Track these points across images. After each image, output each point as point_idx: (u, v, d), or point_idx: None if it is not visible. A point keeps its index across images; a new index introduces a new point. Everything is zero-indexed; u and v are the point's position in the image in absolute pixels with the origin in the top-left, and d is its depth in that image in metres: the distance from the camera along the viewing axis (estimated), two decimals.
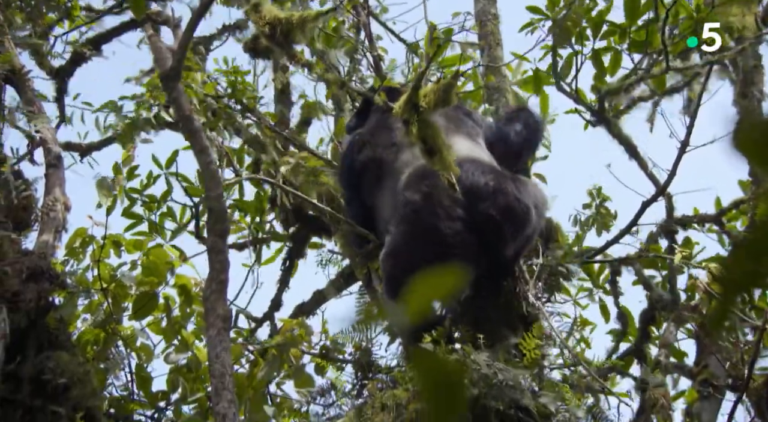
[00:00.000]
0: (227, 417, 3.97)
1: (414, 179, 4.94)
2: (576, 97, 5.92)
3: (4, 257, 4.10)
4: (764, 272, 1.45)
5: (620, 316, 6.43)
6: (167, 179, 6.45)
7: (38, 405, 3.80)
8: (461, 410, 1.77)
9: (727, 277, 1.54)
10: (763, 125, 1.37)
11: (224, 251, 4.44)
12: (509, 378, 4.15)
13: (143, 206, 6.53)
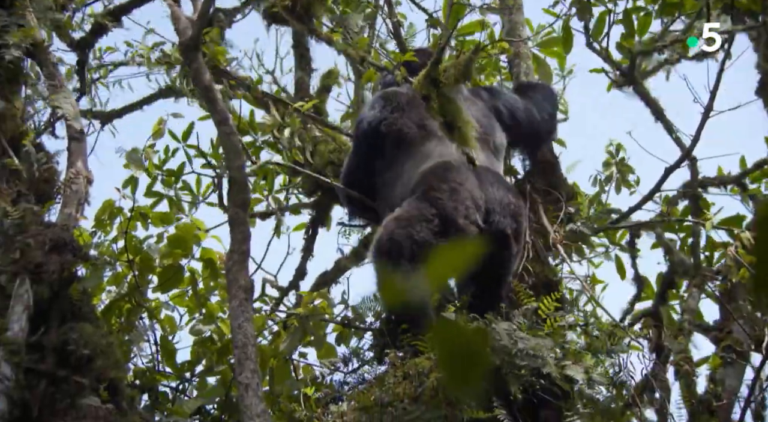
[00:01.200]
0: (250, 387, 3.99)
1: (442, 170, 4.94)
2: (605, 56, 5.85)
3: (26, 229, 4.13)
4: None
5: (637, 278, 6.39)
6: (186, 152, 6.47)
7: (62, 375, 3.83)
8: (481, 378, 1.76)
9: None
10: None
11: (246, 222, 4.45)
12: (530, 347, 4.14)
13: (162, 183, 6.56)
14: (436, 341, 1.79)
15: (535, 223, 5.31)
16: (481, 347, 1.80)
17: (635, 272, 6.49)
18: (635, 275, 6.48)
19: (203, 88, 4.45)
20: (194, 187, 6.47)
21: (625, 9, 5.90)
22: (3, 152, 4.54)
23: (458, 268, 1.81)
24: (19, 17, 4.87)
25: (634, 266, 6.47)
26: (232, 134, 4.46)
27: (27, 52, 4.87)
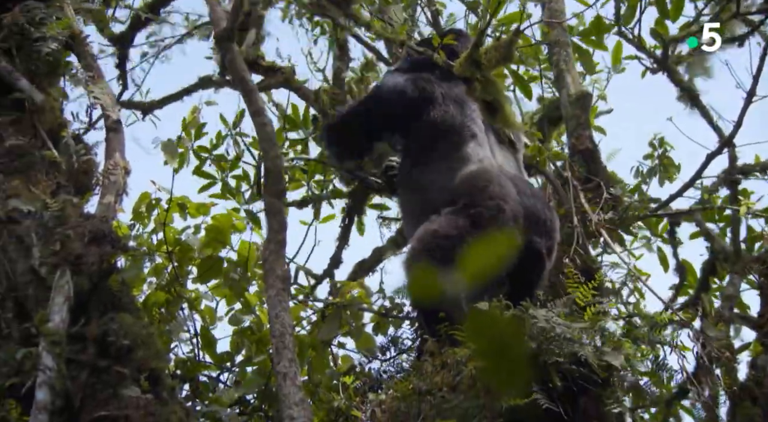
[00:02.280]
0: (288, 376, 4.00)
1: (483, 181, 4.86)
2: (638, 43, 5.79)
3: (66, 221, 4.15)
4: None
5: (679, 267, 6.34)
6: (235, 140, 6.52)
7: (103, 365, 3.84)
8: (519, 367, 1.75)
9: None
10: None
11: (281, 211, 4.47)
12: (568, 332, 4.11)
13: (215, 166, 6.62)
14: (472, 332, 1.78)
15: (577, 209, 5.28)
16: (517, 336, 1.78)
17: (677, 261, 6.44)
18: (677, 265, 6.43)
19: (239, 80, 4.46)
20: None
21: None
22: (42, 145, 4.57)
23: (492, 265, 1.80)
24: (56, 9, 4.91)
25: (675, 255, 6.42)
26: (267, 124, 4.47)
27: (65, 45, 4.90)
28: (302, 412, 3.87)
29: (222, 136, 6.72)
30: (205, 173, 6.67)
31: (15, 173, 4.38)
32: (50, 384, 3.60)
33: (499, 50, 4.84)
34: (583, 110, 5.78)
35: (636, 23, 5.85)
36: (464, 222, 4.68)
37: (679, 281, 6.45)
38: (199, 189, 6.36)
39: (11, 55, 4.74)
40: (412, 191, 5.04)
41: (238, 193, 6.70)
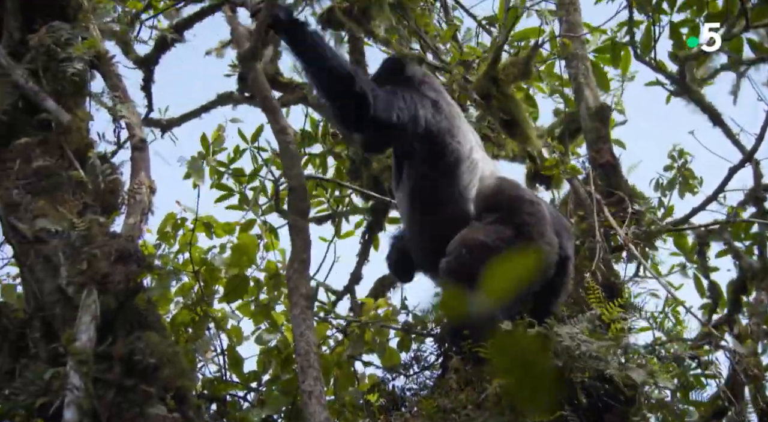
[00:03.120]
0: (313, 395, 3.99)
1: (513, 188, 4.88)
2: (655, 66, 5.79)
3: (93, 240, 4.19)
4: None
5: (711, 288, 6.29)
6: (253, 154, 6.55)
7: (130, 384, 3.87)
8: (544, 386, 1.74)
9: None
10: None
11: (305, 229, 4.46)
12: (593, 350, 4.09)
13: (233, 179, 6.65)
14: (496, 351, 1.78)
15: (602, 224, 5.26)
16: (541, 355, 1.78)
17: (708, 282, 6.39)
18: (709, 286, 6.38)
19: (262, 99, 4.47)
20: None
21: (671, 22, 5.83)
22: (69, 165, 4.61)
23: (520, 281, 1.80)
24: (82, 30, 4.96)
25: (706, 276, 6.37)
26: (291, 142, 4.47)
27: (91, 65, 4.95)
28: None
29: (240, 150, 6.77)
30: (224, 185, 6.71)
31: (42, 194, 4.42)
32: (78, 403, 3.62)
33: (517, 66, 4.85)
34: (602, 122, 5.77)
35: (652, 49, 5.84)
36: (510, 232, 4.65)
37: (713, 302, 6.40)
38: (216, 200, 6.41)
39: (38, 76, 4.79)
40: (426, 201, 4.92)
41: (255, 205, 6.73)
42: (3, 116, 4.67)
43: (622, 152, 6.06)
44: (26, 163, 4.54)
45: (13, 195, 4.44)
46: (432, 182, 4.87)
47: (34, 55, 4.84)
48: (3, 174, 4.55)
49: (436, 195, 4.88)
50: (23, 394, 3.78)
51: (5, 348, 4.34)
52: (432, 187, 4.87)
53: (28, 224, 4.29)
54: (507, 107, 4.55)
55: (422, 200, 4.91)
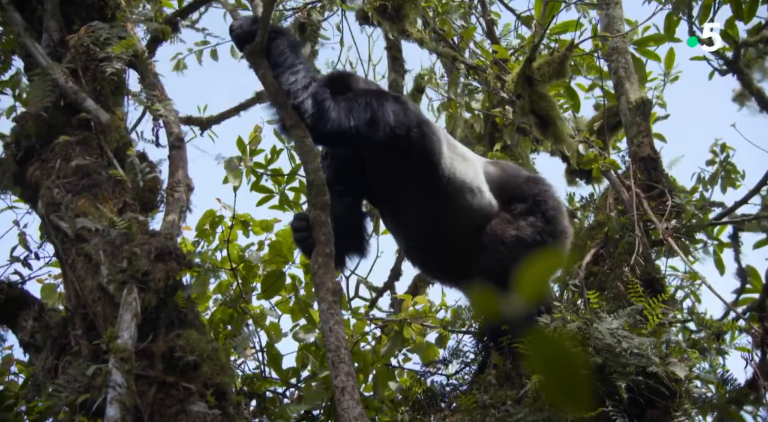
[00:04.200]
0: (346, 390, 3.96)
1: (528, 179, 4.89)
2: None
3: (133, 239, 4.22)
4: None
5: (740, 272, 6.22)
6: (290, 153, 6.55)
7: (171, 381, 3.89)
8: (583, 385, 1.73)
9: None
10: None
11: (327, 223, 4.40)
12: (634, 346, 4.06)
13: (272, 180, 6.66)
14: (534, 349, 1.77)
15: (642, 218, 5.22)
16: (579, 352, 1.77)
17: (738, 266, 6.33)
18: (738, 270, 6.32)
19: (272, 94, 4.40)
20: None
21: None
22: (108, 163, 4.65)
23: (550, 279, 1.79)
24: (120, 30, 5.00)
25: (737, 259, 6.31)
26: (306, 136, 4.40)
27: (129, 64, 4.98)
28: None
29: (277, 151, 6.78)
30: (263, 187, 6.72)
31: (82, 192, 4.46)
32: (120, 400, 3.64)
33: (552, 66, 4.81)
34: (643, 117, 5.72)
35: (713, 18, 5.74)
36: (541, 223, 4.67)
37: (741, 285, 6.34)
38: (257, 202, 6.41)
39: (77, 75, 4.84)
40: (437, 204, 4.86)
41: (296, 205, 6.74)
42: (44, 115, 4.72)
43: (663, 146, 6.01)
44: (66, 162, 4.59)
45: (54, 194, 4.49)
46: (438, 185, 4.79)
47: (74, 55, 4.89)
48: (44, 173, 4.60)
49: (447, 196, 4.82)
50: (66, 391, 3.81)
51: (48, 346, 4.39)
52: (440, 190, 4.80)
53: (69, 223, 4.33)
54: (541, 107, 4.50)
55: (432, 204, 4.82)
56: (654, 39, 6.13)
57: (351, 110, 4.49)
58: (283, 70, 4.33)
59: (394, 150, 4.64)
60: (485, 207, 4.83)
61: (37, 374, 4.38)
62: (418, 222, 4.84)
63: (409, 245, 5.00)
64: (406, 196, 4.78)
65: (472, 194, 4.82)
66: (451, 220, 4.79)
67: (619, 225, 5.13)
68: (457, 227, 4.78)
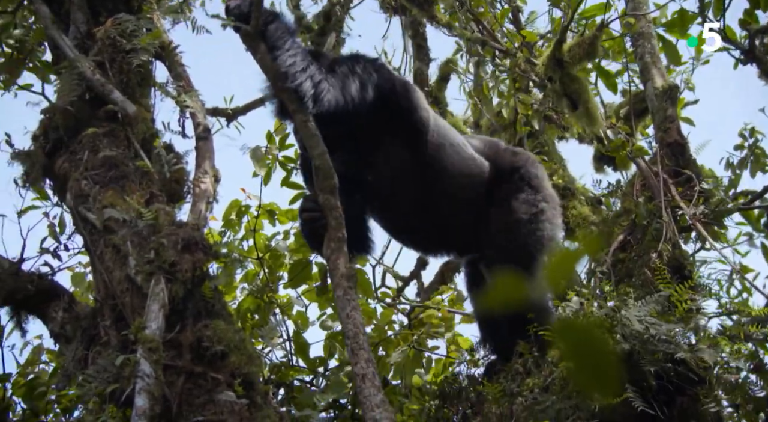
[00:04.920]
0: (366, 377, 3.94)
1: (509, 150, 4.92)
2: (724, 34, 5.66)
3: (160, 230, 4.23)
4: None
5: None
6: None
7: (199, 371, 3.90)
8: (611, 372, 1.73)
9: None
10: None
11: (337, 207, 4.37)
12: (662, 332, 4.03)
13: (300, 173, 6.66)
14: (560, 340, 1.76)
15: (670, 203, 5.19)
16: (606, 339, 1.77)
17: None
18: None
19: (271, 78, 4.36)
20: None
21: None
22: (135, 155, 4.67)
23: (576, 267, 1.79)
24: (146, 21, 5.01)
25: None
26: (308, 120, 4.37)
27: (155, 55, 5.00)
28: (384, 414, 3.82)
29: None
30: (294, 183, 6.72)
31: (110, 184, 4.49)
32: (149, 390, 3.66)
33: (582, 47, 4.78)
34: (670, 102, 5.68)
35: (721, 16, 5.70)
36: (532, 193, 4.81)
37: None
38: (289, 200, 6.41)
39: (104, 67, 4.86)
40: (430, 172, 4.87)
41: None
42: (71, 108, 4.75)
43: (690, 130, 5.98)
44: (94, 153, 4.62)
45: (82, 186, 4.52)
46: (432, 152, 4.83)
47: (101, 47, 4.92)
48: (72, 165, 4.63)
49: (442, 164, 4.84)
50: (96, 381, 3.84)
51: (78, 336, 4.43)
52: (434, 156, 4.83)
53: (97, 214, 4.36)
54: (573, 90, 4.48)
55: (426, 171, 4.84)
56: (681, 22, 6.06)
57: (344, 85, 4.51)
58: (281, 52, 4.32)
59: (384, 113, 4.69)
60: (478, 167, 4.90)
61: (67, 364, 4.42)
62: (412, 193, 4.85)
63: (403, 221, 4.98)
64: (399, 166, 4.78)
65: (462, 152, 4.88)
66: (443, 184, 4.83)
67: (647, 211, 5.11)
68: (451, 187, 4.83)
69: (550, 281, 1.86)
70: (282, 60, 4.32)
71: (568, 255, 1.81)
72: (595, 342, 1.72)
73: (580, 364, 1.73)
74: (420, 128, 4.78)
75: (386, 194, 4.83)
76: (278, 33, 4.37)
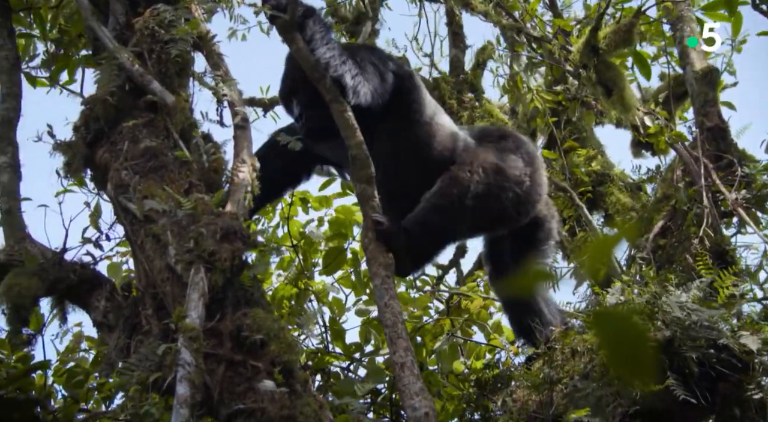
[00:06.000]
0: (405, 366, 3.97)
1: None
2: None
3: (199, 219, 4.25)
4: None
5: None
6: None
7: (239, 360, 3.92)
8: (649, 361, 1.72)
9: None
10: None
11: (374, 196, 4.43)
12: (704, 319, 4.01)
13: None
14: (596, 329, 1.76)
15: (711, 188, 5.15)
16: (644, 329, 1.76)
17: None
18: None
19: (308, 69, 4.44)
20: None
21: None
22: (174, 145, 4.69)
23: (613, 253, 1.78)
24: (184, 11, 5.02)
25: None
26: (345, 111, 4.44)
27: (193, 45, 5.01)
28: (424, 402, 3.85)
29: None
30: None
31: (150, 174, 4.51)
32: (190, 378, 3.68)
33: (618, 34, 4.75)
34: (710, 86, 5.63)
35: None
36: (514, 145, 4.92)
37: None
38: (320, 187, 6.43)
39: (143, 58, 4.88)
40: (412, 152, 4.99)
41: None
42: (111, 99, 4.78)
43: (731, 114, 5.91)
44: (134, 144, 4.64)
45: (123, 176, 4.55)
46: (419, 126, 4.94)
47: (139, 38, 4.93)
48: (113, 155, 4.66)
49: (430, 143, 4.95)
50: (138, 369, 3.87)
51: (120, 325, 4.47)
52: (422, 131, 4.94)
53: (137, 204, 4.38)
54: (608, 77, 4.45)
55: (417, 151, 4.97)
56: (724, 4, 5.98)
57: (373, 78, 4.67)
58: (319, 45, 4.44)
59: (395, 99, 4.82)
60: None
61: (110, 353, 4.46)
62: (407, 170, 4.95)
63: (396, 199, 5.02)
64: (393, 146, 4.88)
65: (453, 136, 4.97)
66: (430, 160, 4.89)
67: (687, 197, 5.08)
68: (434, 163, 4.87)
69: (588, 268, 1.85)
70: (321, 52, 4.42)
71: (606, 241, 1.80)
72: (632, 330, 1.72)
73: (617, 352, 1.73)
74: (418, 109, 4.91)
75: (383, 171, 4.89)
76: (316, 27, 4.48)
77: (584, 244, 5.03)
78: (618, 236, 1.80)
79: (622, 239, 1.80)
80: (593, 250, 1.76)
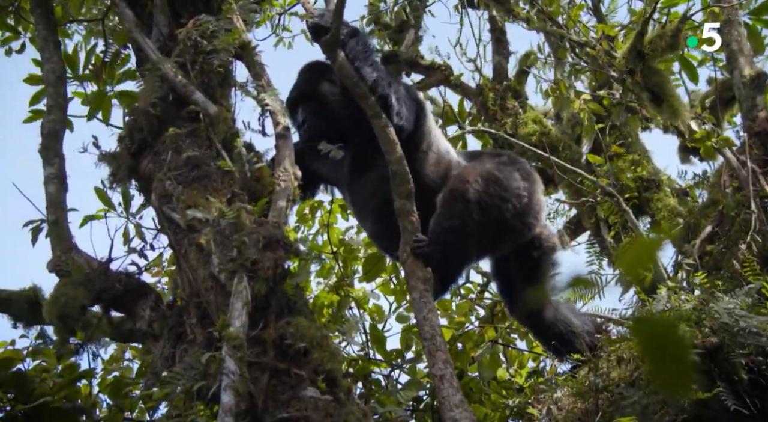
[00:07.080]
0: (444, 378, 3.99)
1: None
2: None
3: (241, 228, 4.26)
4: None
5: None
6: None
7: (282, 368, 3.93)
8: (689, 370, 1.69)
9: None
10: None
11: (413, 211, 4.48)
12: (752, 325, 3.95)
13: None
14: (638, 337, 1.73)
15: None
16: (685, 338, 1.73)
17: None
18: None
19: (351, 85, 4.51)
20: None
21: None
22: (217, 154, 4.71)
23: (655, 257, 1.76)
24: (226, 22, 5.06)
25: None
26: (387, 126, 4.51)
27: (235, 55, 5.04)
28: (464, 413, 3.86)
29: None
30: None
31: (192, 183, 4.54)
32: (234, 387, 3.69)
33: (664, 39, 4.70)
34: (758, 90, 5.57)
35: None
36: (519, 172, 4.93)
37: None
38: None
39: (186, 69, 4.92)
40: None
41: None
42: (154, 110, 4.81)
43: None
44: (177, 154, 4.67)
45: (166, 186, 4.58)
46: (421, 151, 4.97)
47: (182, 48, 4.97)
48: (156, 166, 4.69)
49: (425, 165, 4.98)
50: (183, 378, 3.88)
51: (165, 334, 4.49)
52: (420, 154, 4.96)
53: (180, 214, 4.41)
54: (654, 82, 4.40)
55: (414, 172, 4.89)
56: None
57: (411, 108, 4.82)
58: (364, 64, 4.56)
59: None
60: None
61: (155, 362, 4.48)
62: None
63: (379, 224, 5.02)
64: None
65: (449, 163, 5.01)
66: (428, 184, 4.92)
67: (735, 202, 5.01)
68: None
69: (629, 272, 1.82)
70: (367, 72, 4.56)
71: (648, 244, 1.78)
72: (673, 337, 1.69)
73: (656, 360, 1.70)
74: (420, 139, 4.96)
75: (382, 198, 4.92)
76: (360, 47, 4.61)
77: (626, 247, 4.98)
78: (660, 239, 1.76)
79: (664, 242, 1.77)
80: (635, 252, 1.74)
